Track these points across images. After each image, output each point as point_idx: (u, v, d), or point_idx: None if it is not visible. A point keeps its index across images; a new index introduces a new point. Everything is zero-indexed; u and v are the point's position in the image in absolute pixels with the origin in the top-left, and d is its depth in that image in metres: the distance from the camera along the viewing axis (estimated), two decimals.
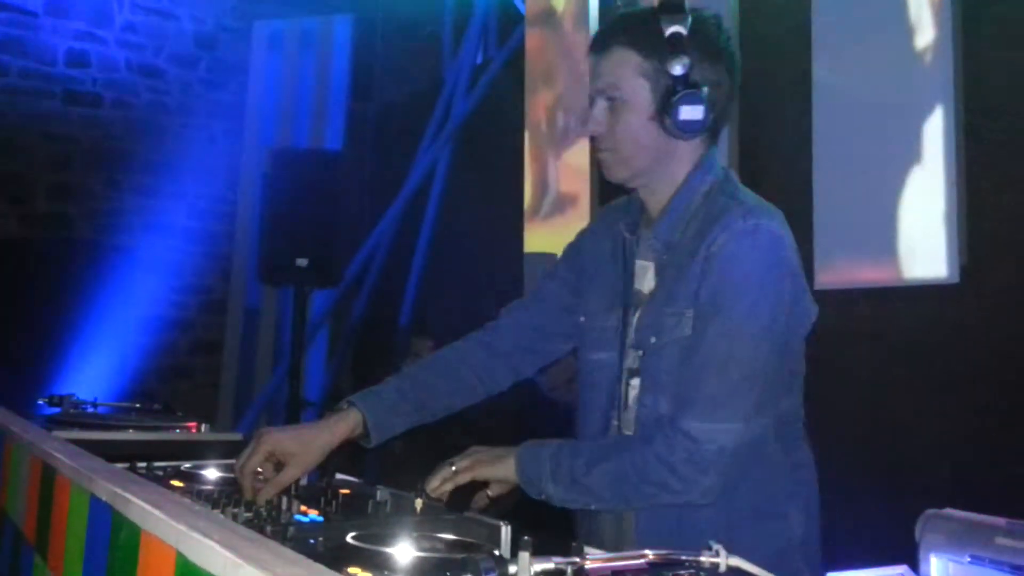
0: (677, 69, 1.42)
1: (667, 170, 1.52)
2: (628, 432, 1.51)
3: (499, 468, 1.47)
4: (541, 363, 1.75)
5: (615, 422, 1.54)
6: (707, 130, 1.49)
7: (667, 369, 1.45)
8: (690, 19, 1.43)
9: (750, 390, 1.40)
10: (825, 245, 3.26)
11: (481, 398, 1.71)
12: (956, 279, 2.93)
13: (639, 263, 1.56)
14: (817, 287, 3.25)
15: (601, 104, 1.50)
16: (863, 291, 3.17)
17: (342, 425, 1.54)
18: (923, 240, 3.03)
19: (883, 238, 3.14)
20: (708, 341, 1.40)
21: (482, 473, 1.47)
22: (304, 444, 1.49)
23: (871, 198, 3.19)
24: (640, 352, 1.49)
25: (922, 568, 0.84)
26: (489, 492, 1.49)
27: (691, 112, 1.43)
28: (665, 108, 1.44)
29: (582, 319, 1.63)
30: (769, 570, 1.35)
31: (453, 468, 1.47)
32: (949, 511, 0.85)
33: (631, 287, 1.55)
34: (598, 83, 1.50)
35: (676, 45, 1.42)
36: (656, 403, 1.46)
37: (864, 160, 3.23)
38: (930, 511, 0.86)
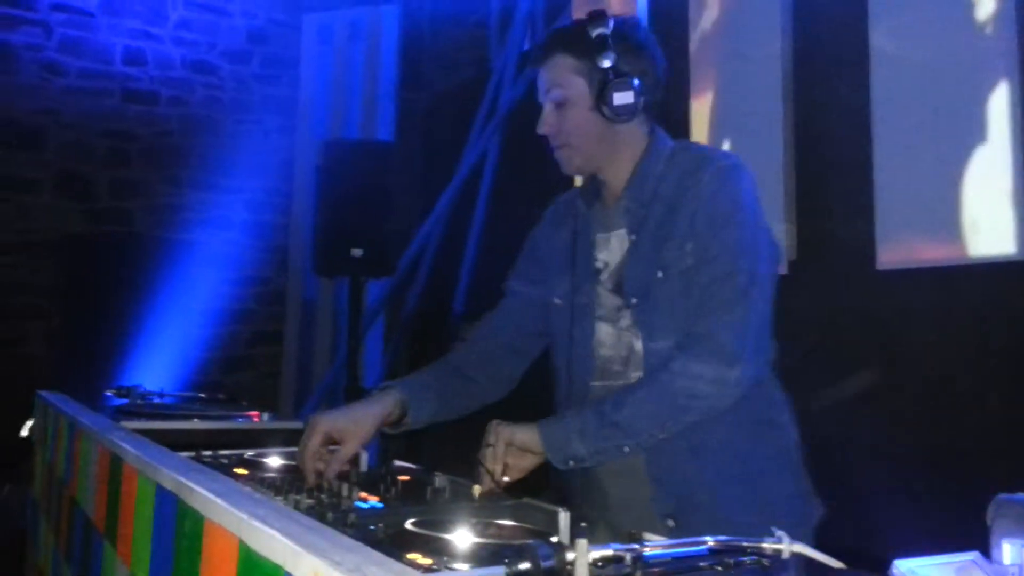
0: (605, 63, 1.63)
1: (618, 152, 1.71)
2: (633, 372, 1.64)
3: (523, 433, 1.53)
4: (528, 362, 1.88)
5: (602, 383, 1.69)
6: (642, 112, 1.67)
7: (669, 306, 1.59)
8: (612, 23, 1.65)
9: (758, 294, 1.57)
10: (886, 224, 3.18)
11: (491, 400, 1.83)
12: (1022, 256, 2.84)
13: (604, 235, 1.73)
14: (879, 267, 3.18)
15: (549, 107, 1.70)
16: (926, 270, 3.09)
17: (384, 404, 1.65)
18: (988, 216, 2.94)
19: (946, 215, 3.05)
20: (712, 256, 1.57)
21: (509, 437, 1.53)
22: (355, 420, 1.59)
23: (933, 174, 3.10)
24: (634, 301, 1.64)
25: (994, 554, 0.81)
26: (507, 476, 1.52)
27: (623, 97, 1.63)
28: (602, 97, 1.63)
29: (556, 301, 1.77)
30: (774, 468, 1.63)
31: (490, 446, 1.52)
32: (1021, 496, 0.83)
33: (595, 259, 1.72)
34: (544, 88, 1.70)
35: (602, 44, 1.63)
36: (663, 347, 1.59)
37: (925, 135, 3.14)
38: (1002, 496, 0.84)
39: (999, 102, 2.92)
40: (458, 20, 6.24)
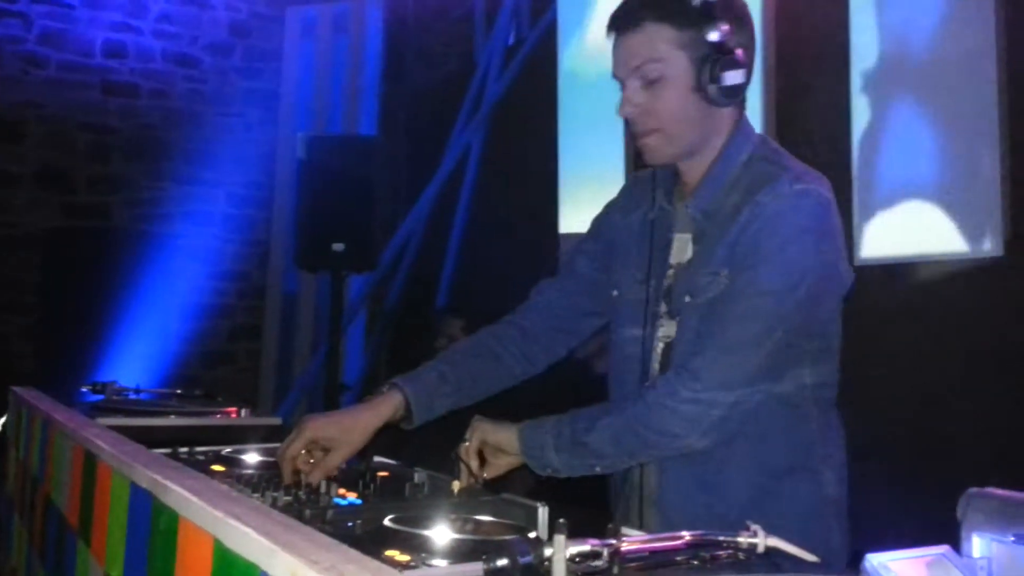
0: (715, 36, 1.41)
1: (709, 141, 1.50)
2: None
3: (501, 434, 1.47)
4: (575, 342, 1.75)
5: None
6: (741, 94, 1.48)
7: (695, 328, 1.45)
8: None
9: (767, 340, 1.40)
10: (865, 218, 3.20)
11: (519, 381, 1.71)
12: (1000, 252, 2.87)
13: (677, 236, 1.54)
14: (857, 262, 3.20)
15: (635, 85, 1.46)
16: (904, 265, 3.12)
17: (385, 406, 1.56)
18: (966, 213, 2.96)
19: (925, 211, 3.08)
20: (735, 294, 1.41)
21: (484, 435, 1.47)
22: (345, 428, 1.50)
23: (912, 169, 3.13)
24: (677, 319, 1.49)
25: (964, 548, 0.82)
26: (485, 474, 1.48)
27: (734, 77, 1.43)
28: (709, 77, 1.42)
29: (614, 293, 1.62)
30: (802, 525, 1.38)
31: (466, 442, 1.47)
32: (991, 490, 0.83)
33: (667, 259, 1.54)
34: (632, 62, 1.45)
35: (708, 13, 1.42)
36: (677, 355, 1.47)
37: (905, 131, 3.16)
38: (972, 490, 0.85)
39: (978, 98, 2.94)
40: (442, 14, 6.22)
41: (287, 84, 6.15)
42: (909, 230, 3.13)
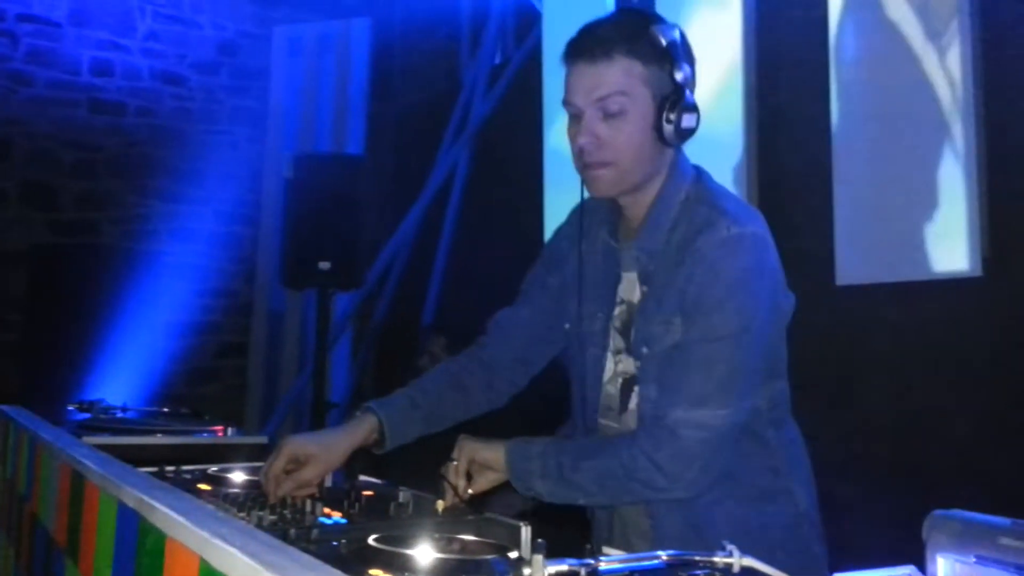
0: (679, 77, 1.44)
1: (652, 179, 1.52)
2: (633, 423, 1.53)
3: (488, 452, 1.49)
4: (535, 371, 1.78)
5: (606, 422, 1.59)
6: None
7: (657, 375, 1.47)
8: (679, 30, 1.46)
9: (732, 384, 1.42)
10: (846, 241, 3.25)
11: (484, 410, 1.75)
12: (979, 272, 2.91)
13: (624, 274, 1.57)
14: (838, 283, 3.24)
15: (594, 115, 1.45)
16: (884, 286, 3.16)
17: (361, 429, 1.59)
18: (945, 234, 3.01)
19: (904, 232, 3.12)
20: (692, 342, 1.43)
21: (471, 454, 1.49)
22: (324, 446, 1.54)
23: (891, 192, 3.17)
24: (638, 363, 1.52)
25: (929, 568, 0.84)
26: (471, 489, 1.49)
27: (691, 120, 1.46)
28: (668, 117, 1.44)
29: (567, 326, 1.66)
30: (785, 543, 1.47)
31: (454, 462, 1.50)
32: (955, 512, 0.86)
33: (615, 295, 1.58)
34: (598, 92, 1.44)
35: (675, 54, 1.44)
36: (648, 405, 1.49)
37: (884, 153, 3.21)
38: (937, 512, 0.87)
39: (955, 120, 3.00)
40: (429, 34, 6.27)
41: (274, 102, 6.17)
42: (889, 252, 3.17)
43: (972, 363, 2.88)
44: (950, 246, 2.98)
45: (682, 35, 1.47)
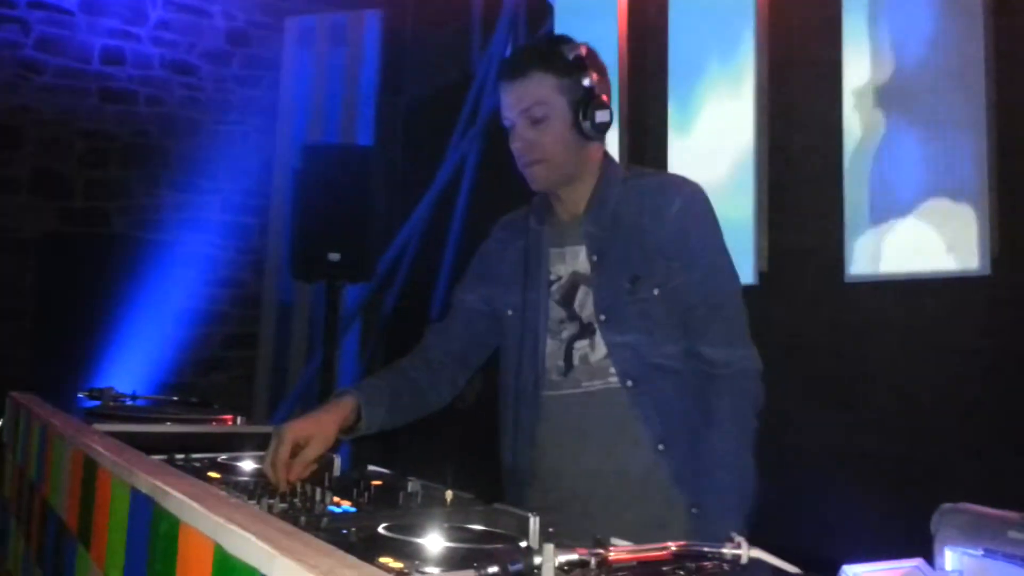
0: (588, 83, 1.73)
1: (583, 170, 1.80)
2: (590, 383, 1.74)
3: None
4: (471, 372, 1.95)
5: (549, 392, 1.78)
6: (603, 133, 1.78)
7: (643, 322, 1.70)
8: (584, 47, 1.75)
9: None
10: (854, 237, 3.24)
11: (432, 410, 1.88)
12: (987, 271, 2.90)
13: (568, 249, 1.81)
14: (847, 279, 3.24)
15: (523, 123, 1.75)
16: (893, 283, 3.15)
17: (343, 408, 1.68)
18: (954, 231, 3.00)
19: (913, 229, 3.12)
20: (712, 282, 1.72)
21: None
22: (319, 424, 1.62)
23: (902, 187, 3.17)
24: (602, 317, 1.73)
25: (937, 561, 0.85)
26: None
27: (604, 116, 1.75)
28: (584, 116, 1.73)
29: (509, 312, 1.86)
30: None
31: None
32: (964, 505, 0.87)
33: (549, 271, 1.81)
34: (521, 104, 1.74)
35: (581, 65, 1.73)
36: (642, 345, 1.71)
37: (895, 150, 3.20)
38: (946, 505, 0.88)
39: (966, 115, 2.98)
40: (440, 25, 6.26)
41: (284, 93, 6.17)
42: (898, 247, 3.16)
43: (981, 359, 2.87)
44: (959, 244, 2.98)
45: (588, 50, 1.77)
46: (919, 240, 3.10)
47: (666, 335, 1.71)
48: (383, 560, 1.04)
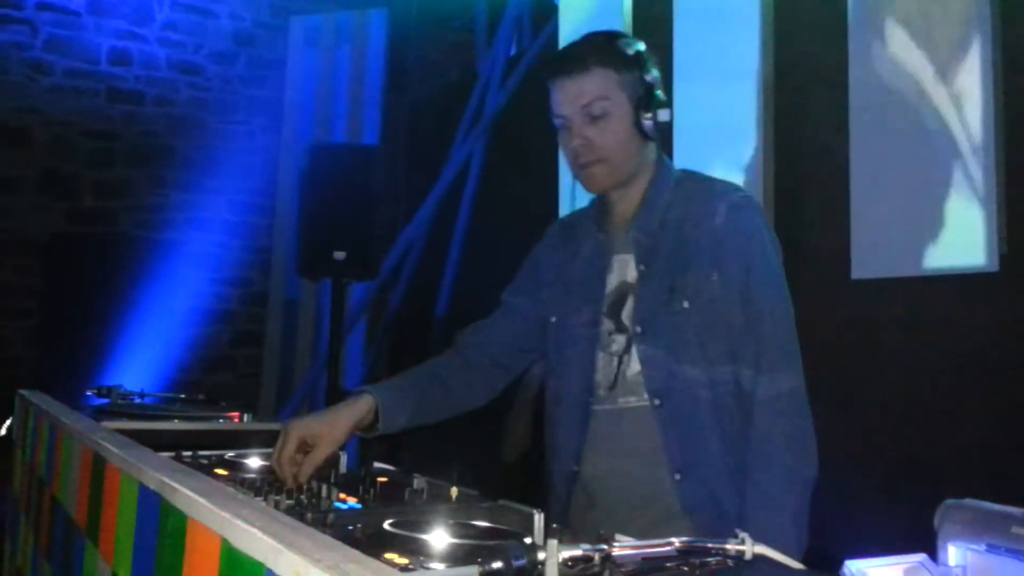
0: (649, 80, 1.65)
1: (639, 172, 1.71)
2: (626, 399, 1.66)
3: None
4: (510, 377, 1.88)
5: (602, 392, 1.69)
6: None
7: (682, 335, 1.61)
8: (640, 43, 1.68)
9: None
10: (861, 234, 3.24)
11: (464, 410, 1.82)
12: (995, 268, 2.90)
13: (617, 257, 1.72)
14: (854, 276, 3.23)
15: (582, 120, 1.65)
16: (899, 281, 3.15)
17: (358, 408, 1.64)
18: (961, 228, 2.99)
19: (921, 227, 3.11)
20: (766, 299, 1.61)
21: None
22: (329, 424, 1.59)
23: (908, 186, 3.16)
24: (638, 329, 1.65)
25: (940, 557, 0.85)
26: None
27: (665, 114, 1.66)
28: (646, 114, 1.65)
29: (553, 319, 1.78)
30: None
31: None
32: (968, 501, 0.87)
33: (605, 282, 1.72)
34: (581, 100, 1.64)
35: (642, 61, 1.66)
36: (671, 362, 1.61)
37: (901, 147, 3.20)
38: (949, 501, 0.88)
39: (973, 114, 2.98)
40: (445, 24, 6.27)
41: (290, 93, 6.18)
42: (905, 246, 3.16)
43: (987, 357, 2.87)
44: (967, 241, 2.97)
45: (647, 47, 1.69)
46: (926, 237, 3.09)
47: (697, 352, 1.60)
48: (388, 556, 1.05)
